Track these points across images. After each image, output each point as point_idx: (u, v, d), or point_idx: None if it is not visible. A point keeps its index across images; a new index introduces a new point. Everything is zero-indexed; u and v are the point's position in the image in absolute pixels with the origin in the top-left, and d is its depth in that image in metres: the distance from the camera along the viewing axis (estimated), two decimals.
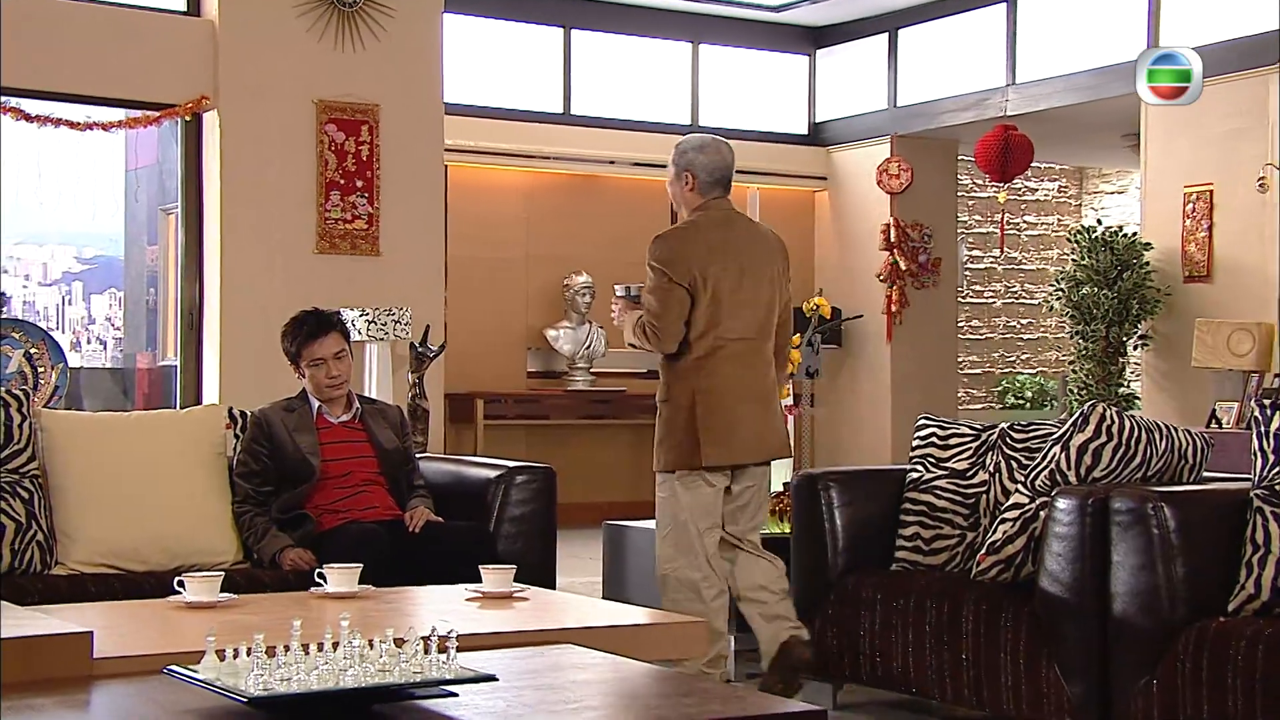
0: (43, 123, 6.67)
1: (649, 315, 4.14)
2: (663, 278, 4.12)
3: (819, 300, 5.05)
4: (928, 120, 9.81)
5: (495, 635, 2.64)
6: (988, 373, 12.84)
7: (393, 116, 7.32)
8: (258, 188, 7.05)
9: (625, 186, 9.85)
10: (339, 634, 2.23)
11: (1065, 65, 8.96)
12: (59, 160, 6.92)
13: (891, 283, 9.98)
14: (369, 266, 7.24)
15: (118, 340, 11.08)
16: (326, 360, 4.32)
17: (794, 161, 10.33)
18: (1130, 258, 8.61)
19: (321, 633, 2.27)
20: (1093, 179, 13.42)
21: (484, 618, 2.94)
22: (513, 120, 9.35)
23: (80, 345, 11.40)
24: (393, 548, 3.99)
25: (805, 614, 4.11)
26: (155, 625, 2.86)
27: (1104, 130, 9.92)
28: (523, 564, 3.79)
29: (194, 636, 2.47)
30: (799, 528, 4.20)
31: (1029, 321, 13.07)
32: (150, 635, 2.74)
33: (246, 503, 4.22)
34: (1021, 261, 13.10)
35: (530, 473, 4.33)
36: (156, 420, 4.44)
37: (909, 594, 3.84)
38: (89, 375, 10.27)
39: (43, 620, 2.53)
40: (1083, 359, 8.89)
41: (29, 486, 3.99)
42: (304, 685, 2.07)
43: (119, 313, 11.17)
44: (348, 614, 2.30)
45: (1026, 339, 13.08)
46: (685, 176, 4.21)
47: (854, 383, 10.25)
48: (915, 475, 4.14)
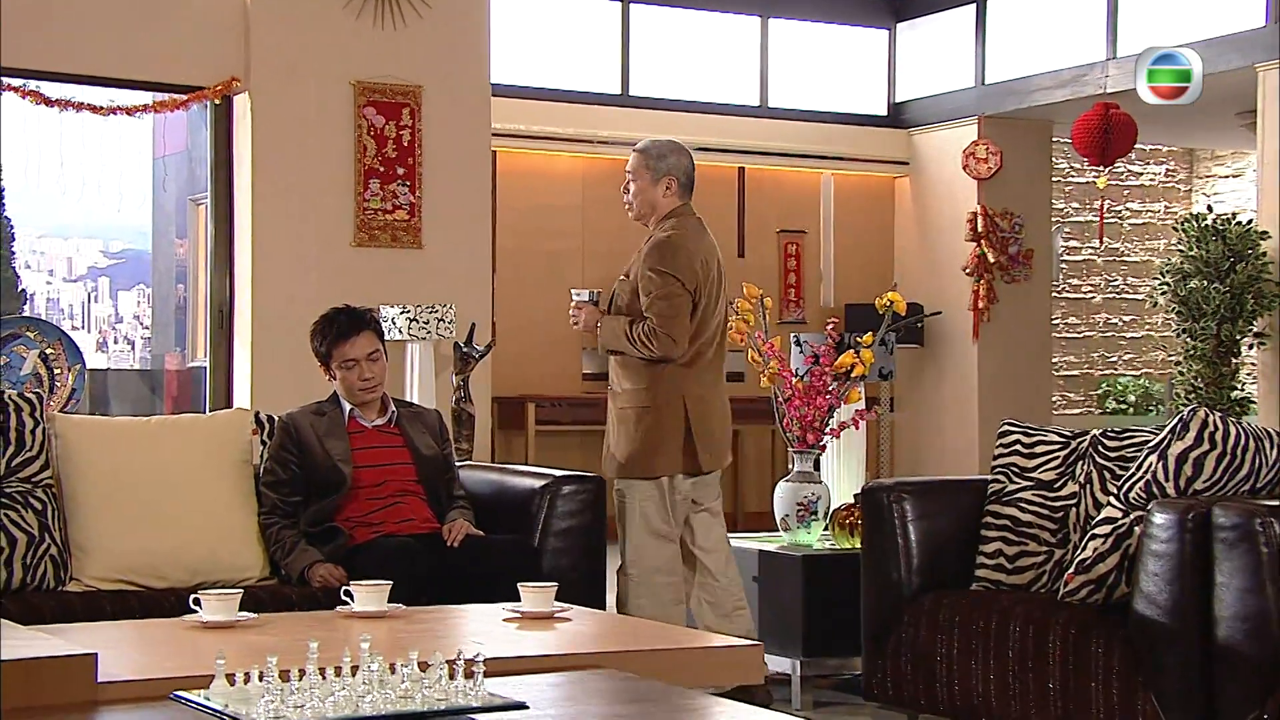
0: (64, 107, 6.75)
1: (659, 321, 4.45)
2: (674, 284, 4.44)
3: (892, 295, 5.00)
4: (1019, 99, 9.71)
5: (530, 659, 2.63)
6: (1086, 375, 12.68)
7: (436, 98, 7.34)
8: (292, 176, 7.10)
9: None
10: (359, 657, 2.22)
11: (1173, 36, 8.81)
12: (82, 147, 6.99)
13: (978, 277, 9.90)
14: (410, 260, 7.27)
15: (146, 340, 11.23)
16: (359, 361, 4.34)
17: (872, 145, 10.26)
18: (1245, 248, 8.47)
19: (340, 655, 2.27)
20: (1204, 161, 13.21)
21: (520, 639, 2.93)
22: (566, 102, 9.35)
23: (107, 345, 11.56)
24: (429, 563, 3.99)
25: (875, 637, 4.07)
26: (166, 646, 2.87)
27: (1217, 108, 9.75)
28: (568, 581, 3.78)
29: (206, 659, 2.48)
30: (869, 543, 4.16)
31: (1132, 318, 12.90)
32: (160, 657, 2.75)
33: (274, 514, 4.24)
34: (1123, 253, 12.93)
35: (578, 482, 4.32)
36: (177, 425, 4.47)
37: (990, 616, 3.79)
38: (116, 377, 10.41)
39: (45, 641, 2.54)
40: (1191, 360, 8.75)
41: (42, 497, 4.03)
42: (317, 713, 2.07)
43: (147, 310, 11.33)
44: (369, 635, 2.29)
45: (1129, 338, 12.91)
46: (668, 181, 4.53)
47: (937, 386, 10.17)
48: (997, 486, 4.10)
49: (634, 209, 4.62)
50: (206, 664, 2.39)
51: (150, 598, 3.91)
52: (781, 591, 4.82)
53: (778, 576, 4.85)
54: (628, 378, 4.56)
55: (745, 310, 4.93)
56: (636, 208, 4.60)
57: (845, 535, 4.83)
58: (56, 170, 7.08)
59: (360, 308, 4.47)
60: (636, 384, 4.53)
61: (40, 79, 6.78)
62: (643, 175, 4.55)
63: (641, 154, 4.58)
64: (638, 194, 4.58)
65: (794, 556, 4.80)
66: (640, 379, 4.52)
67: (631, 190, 4.59)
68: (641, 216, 4.62)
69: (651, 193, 4.55)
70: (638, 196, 4.58)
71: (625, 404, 4.56)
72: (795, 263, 10.21)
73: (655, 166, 4.54)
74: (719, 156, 9.87)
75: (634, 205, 4.61)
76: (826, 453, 5.33)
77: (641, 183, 4.56)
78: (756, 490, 9.58)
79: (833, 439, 5.06)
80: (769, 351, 4.94)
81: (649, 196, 4.56)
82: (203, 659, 2.59)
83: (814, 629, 4.72)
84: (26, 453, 4.05)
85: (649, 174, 4.54)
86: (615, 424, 4.59)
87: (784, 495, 4.96)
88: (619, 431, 4.56)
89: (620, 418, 4.56)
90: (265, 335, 7.02)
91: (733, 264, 9.84)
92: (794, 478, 4.96)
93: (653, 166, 4.54)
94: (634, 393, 4.53)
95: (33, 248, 11.43)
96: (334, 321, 4.39)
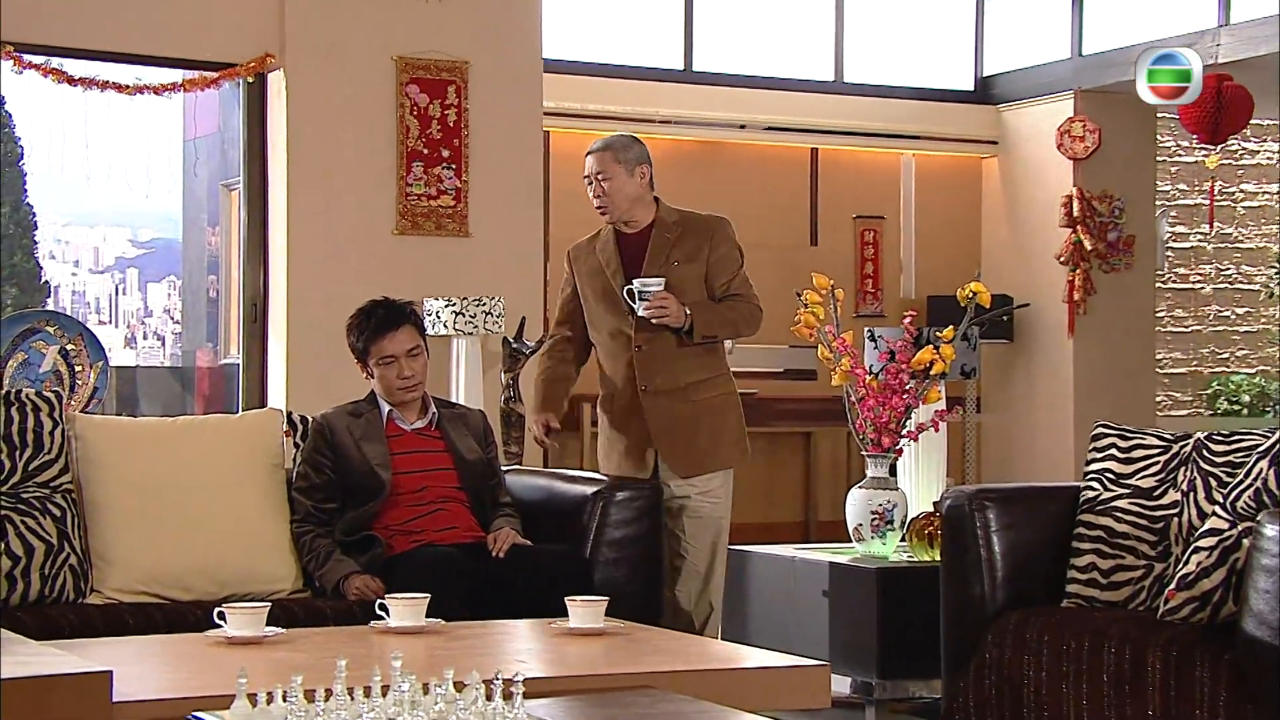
0: (88, 86, 6.81)
1: (758, 301, 4.67)
2: (743, 260, 4.75)
3: (975, 286, 4.96)
4: (1120, 71, 9.59)
5: (575, 679, 2.63)
6: (1194, 372, 12.53)
7: (484, 75, 7.36)
8: (330, 159, 7.15)
9: (757, 154, 9.79)
10: (390, 676, 2.23)
11: None
12: (108, 129, 7.06)
13: (1074, 266, 9.81)
14: (456, 249, 7.29)
15: (176, 335, 11.36)
16: (398, 358, 4.36)
17: (957, 123, 10.18)
18: None
19: (370, 674, 2.27)
20: None
21: (566, 657, 2.93)
22: (624, 78, 9.35)
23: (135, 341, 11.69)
24: (472, 575, 4.01)
25: (957, 656, 4.04)
26: (187, 663, 2.90)
27: None
28: (622, 595, 3.79)
29: (229, 677, 2.49)
30: (949, 556, 4.14)
31: (1246, 311, 12.72)
32: (180, 675, 2.78)
33: (307, 522, 4.27)
34: (1236, 239, 12.76)
35: (633, 489, 4.33)
36: (204, 426, 4.52)
37: (1082, 636, 3.76)
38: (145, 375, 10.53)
39: (58, 658, 2.57)
40: None
41: (61, 503, 4.08)
42: None
43: (177, 303, 11.45)
44: (400, 653, 2.30)
45: (1242, 331, 12.73)
46: (642, 170, 4.72)
47: (1029, 384, 10.09)
48: (1091, 494, 4.07)
49: (612, 208, 4.72)
50: (229, 683, 2.40)
51: (175, 611, 3.95)
52: (854, 608, 4.80)
53: (850, 591, 4.83)
54: (705, 367, 4.70)
55: (814, 303, 4.91)
56: (615, 206, 4.71)
57: (924, 546, 4.81)
58: (81, 154, 7.16)
59: (400, 300, 4.49)
60: (715, 371, 4.73)
61: (63, 55, 6.86)
62: (615, 171, 4.69)
63: (605, 151, 4.73)
64: (615, 192, 4.70)
65: (868, 569, 4.79)
66: (719, 365, 4.75)
67: (605, 189, 4.70)
68: (621, 212, 4.72)
69: (630, 185, 4.70)
70: (615, 195, 4.70)
71: (714, 392, 4.72)
72: (873, 251, 10.15)
73: (625, 159, 4.70)
74: (790, 137, 9.84)
75: (612, 204, 4.71)
76: (903, 457, 5.31)
77: (617, 180, 4.69)
78: (830, 497, 9.54)
79: (910, 442, 5.03)
80: (841, 347, 4.92)
81: (627, 191, 4.70)
82: (225, 677, 2.60)
83: (889, 648, 4.70)
84: (45, 455, 4.09)
85: (621, 168, 4.69)
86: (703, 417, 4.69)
87: (857, 503, 4.94)
88: (717, 422, 4.71)
89: (710, 408, 4.71)
90: (301, 330, 7.07)
91: (805, 253, 9.82)
92: (868, 484, 4.94)
93: (623, 160, 4.70)
94: (718, 380, 4.73)
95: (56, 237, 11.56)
96: (371, 315, 4.41)
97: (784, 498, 9.75)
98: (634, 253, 4.71)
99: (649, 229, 4.73)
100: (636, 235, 4.74)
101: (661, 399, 4.65)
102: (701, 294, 4.67)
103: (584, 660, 2.91)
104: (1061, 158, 9.88)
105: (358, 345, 4.41)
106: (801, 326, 4.92)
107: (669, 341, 4.63)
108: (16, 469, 4.05)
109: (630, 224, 4.74)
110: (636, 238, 4.73)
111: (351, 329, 4.44)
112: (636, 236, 4.74)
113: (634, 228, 4.74)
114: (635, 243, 4.73)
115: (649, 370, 4.66)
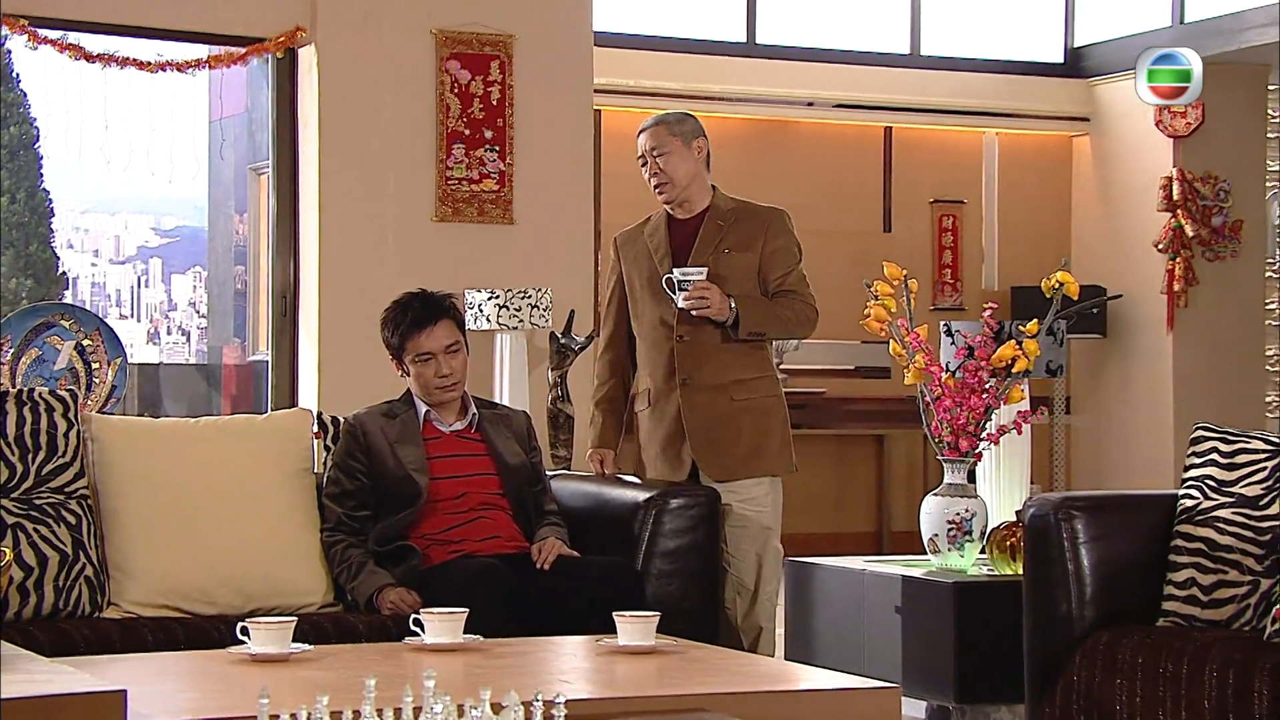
0: (106, 63, 6.87)
1: (814, 302, 4.72)
2: (801, 256, 4.75)
3: (1062, 276, 4.92)
4: (1226, 39, 9.51)
5: (621, 700, 2.64)
6: None
7: (530, 49, 7.38)
8: (364, 140, 7.18)
9: (826, 134, 9.78)
10: (421, 696, 2.24)
11: None
12: (129, 110, 7.13)
13: (1174, 253, 9.75)
14: (500, 237, 7.31)
15: (202, 330, 11.46)
16: (436, 355, 4.38)
17: (1045, 98, 10.14)
18: None
19: (401, 694, 2.28)
20: None
21: (613, 677, 2.94)
22: (681, 52, 9.35)
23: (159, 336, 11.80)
24: (515, 588, 4.02)
25: (1041, 680, 4.02)
26: (207, 682, 2.93)
27: None
28: (676, 610, 3.79)
29: (250, 696, 2.51)
30: (1032, 569, 4.11)
31: None
32: (198, 694, 2.80)
33: (338, 530, 4.30)
34: None
35: (688, 496, 4.33)
36: (229, 428, 4.55)
37: (1181, 658, 3.73)
38: (169, 373, 10.63)
39: (69, 676, 2.60)
40: None
41: (76, 509, 4.12)
42: None
43: (203, 296, 11.55)
44: (434, 671, 2.31)
45: None
46: (699, 144, 4.72)
47: (1124, 383, 10.03)
48: (1190, 502, 4.03)
49: (672, 188, 4.71)
50: (250, 703, 2.42)
51: (197, 626, 3.98)
52: (929, 625, 4.78)
53: (924, 607, 4.81)
54: (754, 366, 4.73)
55: (885, 295, 4.89)
56: (678, 184, 4.70)
57: (1005, 559, 4.78)
58: (100, 136, 7.23)
59: (438, 293, 4.51)
60: (761, 371, 4.75)
61: (80, 30, 6.92)
62: (672, 145, 4.68)
63: (659, 126, 4.71)
64: (672, 168, 4.68)
65: (944, 584, 4.76)
66: (767, 365, 4.77)
67: (662, 166, 4.68)
68: (679, 190, 4.72)
69: (687, 160, 4.70)
70: (673, 171, 4.68)
71: (759, 393, 4.72)
72: (952, 239, 10.12)
73: (680, 131, 4.70)
74: (861, 115, 9.82)
75: (672, 183, 4.70)
76: (983, 462, 5.28)
77: (674, 155, 4.68)
78: (905, 505, 9.50)
79: (990, 446, 5.01)
80: (914, 343, 4.90)
81: (686, 167, 4.69)
82: (247, 697, 2.63)
83: (967, 670, 4.67)
84: (59, 459, 4.13)
85: (678, 140, 4.68)
86: (745, 417, 4.70)
87: (932, 512, 4.92)
88: (761, 425, 4.72)
89: (754, 409, 4.71)
90: (334, 324, 7.11)
91: (877, 240, 9.80)
92: (944, 491, 4.92)
93: (678, 132, 4.69)
94: (764, 380, 4.74)
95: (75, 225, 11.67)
96: (408, 308, 4.43)
97: (855, 506, 9.73)
98: (684, 239, 4.72)
99: (702, 215, 4.74)
100: (689, 221, 4.74)
101: (702, 394, 4.66)
102: (752, 287, 4.67)
103: (632, 680, 2.92)
104: (1160, 135, 9.82)
105: (392, 341, 4.43)
106: (871, 320, 4.90)
107: (713, 335, 4.64)
108: (29, 473, 4.09)
109: (684, 207, 4.74)
110: (689, 224, 4.74)
111: (386, 323, 4.46)
112: (689, 223, 4.74)
113: (687, 212, 4.74)
114: (687, 229, 4.73)
115: (690, 362, 4.67)
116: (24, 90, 11.19)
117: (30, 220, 10.57)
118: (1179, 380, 9.79)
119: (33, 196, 10.87)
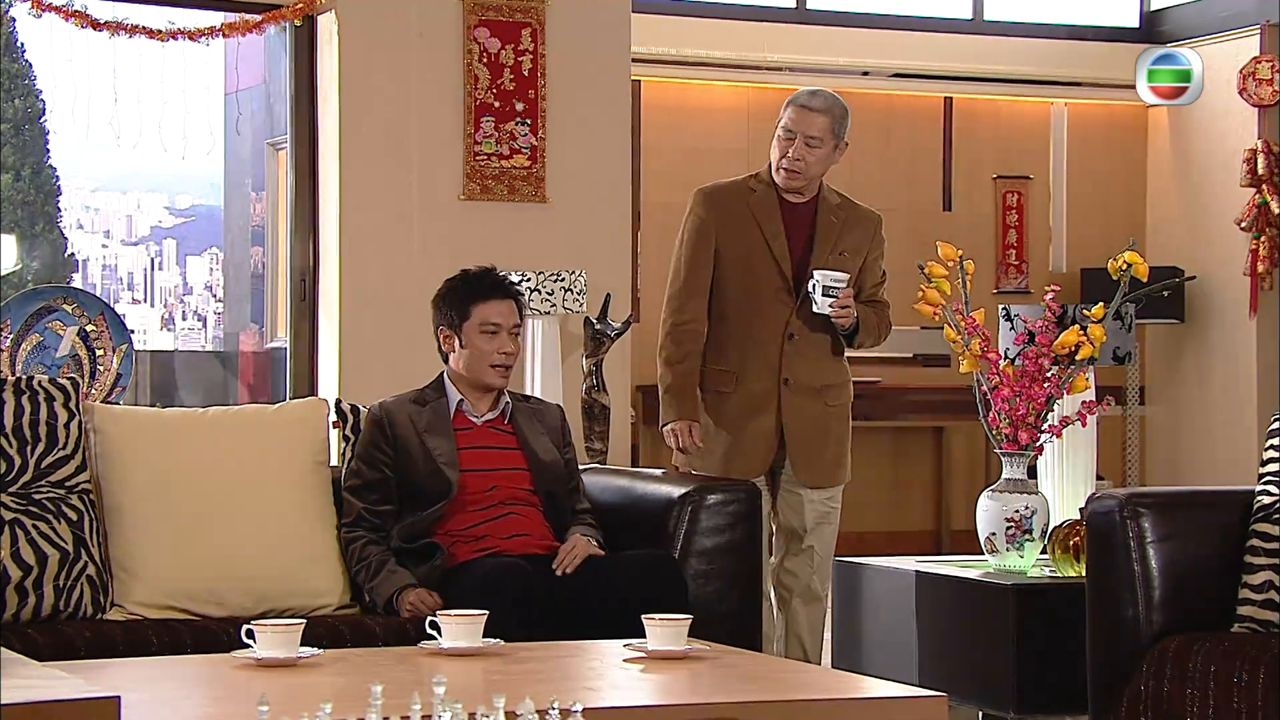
0: (115, 31, 6.89)
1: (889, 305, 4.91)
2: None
3: (1130, 256, 4.89)
4: None
5: (646, 710, 2.63)
6: None
7: (564, 16, 7.37)
8: (387, 113, 7.19)
9: (882, 105, 9.75)
10: (430, 704, 2.23)
11: None
12: (139, 82, 7.15)
13: (1258, 231, 9.68)
14: (532, 216, 7.31)
15: (218, 315, 11.51)
16: (503, 330, 4.36)
17: (1119, 66, 10.07)
18: None
19: (409, 702, 2.28)
20: None
21: (640, 685, 2.94)
22: (727, 18, 9.34)
23: (173, 322, 11.86)
24: (542, 590, 4.00)
25: (1106, 689, 4.01)
26: (208, 688, 2.93)
27: None
28: (713, 613, 3.78)
29: (251, 704, 2.51)
30: (1096, 571, 4.10)
31: None
32: (197, 701, 2.81)
33: (358, 527, 4.29)
34: None
35: (727, 491, 4.32)
36: (240, 418, 4.55)
37: (1257, 667, 3.71)
38: (184, 360, 10.68)
39: (61, 681, 2.61)
40: None
41: (78, 505, 4.13)
42: None
43: (219, 279, 11.60)
44: (445, 677, 2.30)
45: None
46: (844, 149, 4.82)
47: (1202, 372, 9.97)
48: (1268, 500, 4.01)
49: (800, 178, 4.77)
50: (250, 710, 2.42)
51: (205, 629, 3.99)
52: (986, 630, 4.78)
53: (981, 611, 4.81)
54: (840, 370, 4.91)
55: (939, 277, 4.88)
56: (807, 176, 4.77)
57: (1068, 560, 4.77)
58: (110, 110, 7.24)
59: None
60: (845, 376, 4.93)
61: None
62: (827, 140, 4.76)
63: (826, 116, 4.75)
64: (815, 162, 4.76)
65: (1001, 586, 4.75)
66: (846, 370, 4.93)
67: (806, 158, 4.74)
68: (806, 184, 4.80)
69: (830, 162, 4.82)
70: (815, 165, 4.77)
71: (843, 400, 4.92)
72: (1017, 217, 10.08)
73: (840, 131, 4.79)
74: (920, 84, 9.79)
75: (803, 174, 4.76)
76: (1045, 456, 5.26)
77: (823, 149, 4.77)
78: (965, 502, 9.46)
79: (1053, 438, 4.98)
80: (969, 328, 4.87)
81: (825, 166, 4.81)
82: (248, 704, 2.62)
83: (1027, 678, 4.66)
84: (60, 451, 4.15)
85: (833, 139, 4.78)
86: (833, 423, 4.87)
87: (989, 509, 4.91)
88: (843, 431, 4.92)
89: (839, 415, 4.90)
90: (355, 308, 7.13)
91: (937, 219, 9.77)
92: (1003, 486, 4.90)
93: (838, 131, 4.78)
94: (846, 387, 4.92)
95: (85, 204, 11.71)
96: (481, 279, 4.43)
97: (913, 502, 9.72)
98: (797, 227, 4.81)
99: (812, 204, 4.83)
100: (800, 206, 4.83)
101: (801, 397, 4.80)
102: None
103: (660, 688, 2.91)
104: (1244, 105, 9.75)
105: (457, 307, 4.36)
106: (924, 304, 4.89)
107: (824, 339, 4.80)
108: (28, 466, 4.10)
109: (797, 192, 4.82)
110: (800, 209, 4.83)
111: (447, 293, 4.41)
112: (800, 207, 4.83)
113: (798, 196, 4.83)
114: (799, 215, 4.82)
115: (796, 362, 4.79)
116: (29, 60, 11.24)
117: (36, 199, 10.62)
118: (1262, 368, 9.72)
119: (38, 174, 10.90)
